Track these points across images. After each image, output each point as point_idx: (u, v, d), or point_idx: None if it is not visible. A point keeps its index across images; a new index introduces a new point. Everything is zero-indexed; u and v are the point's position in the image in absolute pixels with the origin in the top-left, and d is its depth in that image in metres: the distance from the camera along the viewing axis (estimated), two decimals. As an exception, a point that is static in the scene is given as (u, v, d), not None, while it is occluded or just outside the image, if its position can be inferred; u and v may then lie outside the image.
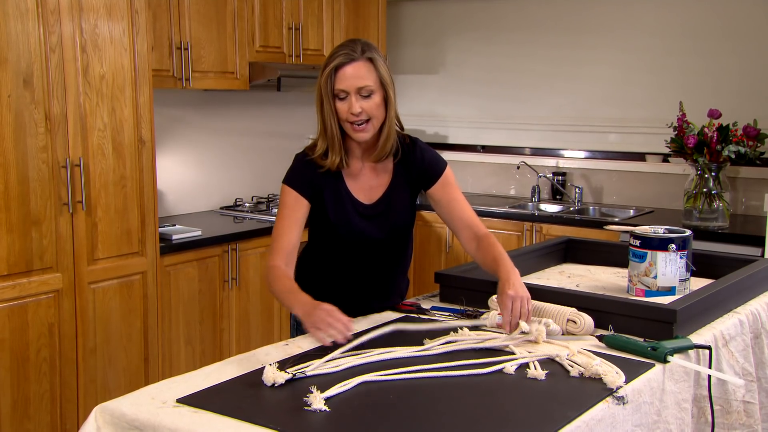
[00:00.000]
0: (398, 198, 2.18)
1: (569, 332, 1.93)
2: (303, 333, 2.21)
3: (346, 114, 2.03)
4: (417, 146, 2.21)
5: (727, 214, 3.77)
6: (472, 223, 2.18)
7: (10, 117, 2.70)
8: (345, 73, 2.02)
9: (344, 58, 2.03)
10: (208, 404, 1.51)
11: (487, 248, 2.10)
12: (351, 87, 2.02)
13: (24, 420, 2.82)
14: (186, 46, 3.59)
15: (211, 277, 3.55)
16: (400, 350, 1.80)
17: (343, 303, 2.18)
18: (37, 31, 2.75)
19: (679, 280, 2.23)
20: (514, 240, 4.22)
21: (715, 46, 4.18)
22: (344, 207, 2.13)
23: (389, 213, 2.16)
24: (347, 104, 2.03)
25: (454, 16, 5.05)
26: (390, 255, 2.22)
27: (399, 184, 2.18)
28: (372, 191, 2.16)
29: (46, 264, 2.85)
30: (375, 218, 2.15)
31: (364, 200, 2.15)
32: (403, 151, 2.18)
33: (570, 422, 1.45)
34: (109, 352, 3.09)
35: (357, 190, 2.15)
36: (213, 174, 4.25)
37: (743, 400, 2.01)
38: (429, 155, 2.21)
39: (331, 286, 2.20)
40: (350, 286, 2.21)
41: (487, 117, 5.02)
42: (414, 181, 2.20)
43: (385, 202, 2.16)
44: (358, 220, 2.13)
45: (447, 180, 2.21)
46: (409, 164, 2.18)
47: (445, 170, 2.21)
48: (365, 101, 2.03)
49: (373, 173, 2.17)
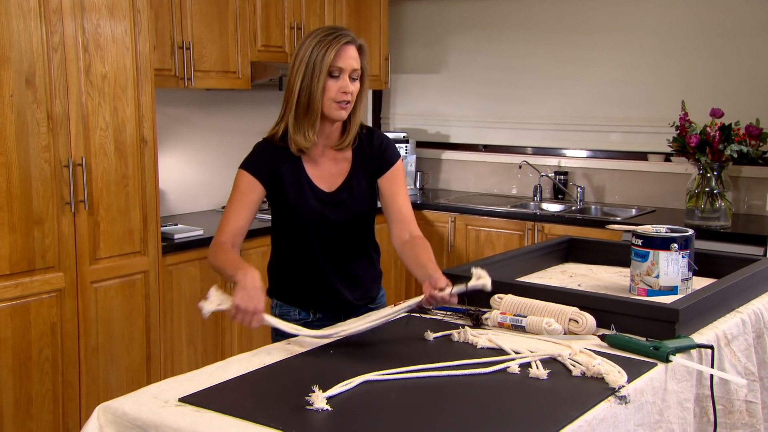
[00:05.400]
0: (358, 185, 2.19)
1: (571, 332, 1.93)
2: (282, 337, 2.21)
3: (336, 92, 2.05)
4: (375, 135, 2.24)
5: (729, 213, 3.77)
6: (409, 220, 2.18)
7: (13, 116, 2.70)
8: (346, 52, 2.05)
9: (345, 38, 2.06)
10: (210, 403, 1.51)
11: (419, 248, 2.07)
12: (348, 66, 2.06)
13: (26, 419, 2.82)
14: (188, 46, 3.59)
15: (213, 276, 3.55)
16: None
17: (316, 294, 2.20)
18: (40, 31, 2.75)
19: (681, 280, 2.22)
20: (515, 239, 4.22)
21: (717, 46, 4.18)
22: (303, 191, 2.14)
23: (350, 201, 2.17)
24: (339, 83, 2.05)
25: (456, 15, 5.05)
26: (352, 238, 2.22)
27: (358, 172, 2.19)
28: (332, 179, 2.17)
29: (48, 263, 2.85)
30: (337, 205, 2.16)
31: (324, 188, 2.16)
32: (360, 139, 2.20)
33: (572, 422, 1.45)
34: (111, 352, 3.09)
35: (317, 177, 2.16)
36: (215, 173, 4.26)
37: (745, 400, 2.01)
38: (385, 144, 2.23)
39: (299, 275, 2.21)
40: (317, 273, 2.20)
41: (489, 116, 5.02)
42: (370, 169, 2.21)
43: (346, 190, 2.17)
44: (316, 204, 2.14)
45: (396, 173, 2.22)
46: (366, 152, 2.21)
47: (396, 162, 2.22)
48: (353, 84, 2.08)
49: (332, 161, 2.18)
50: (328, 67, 2.04)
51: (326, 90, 2.06)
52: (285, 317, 2.23)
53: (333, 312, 2.23)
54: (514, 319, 1.97)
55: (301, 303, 2.24)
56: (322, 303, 2.23)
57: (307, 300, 2.23)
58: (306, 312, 2.24)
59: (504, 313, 2.01)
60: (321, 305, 2.23)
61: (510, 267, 2.49)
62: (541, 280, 2.46)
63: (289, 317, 2.23)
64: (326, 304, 2.23)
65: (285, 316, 2.23)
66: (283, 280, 2.25)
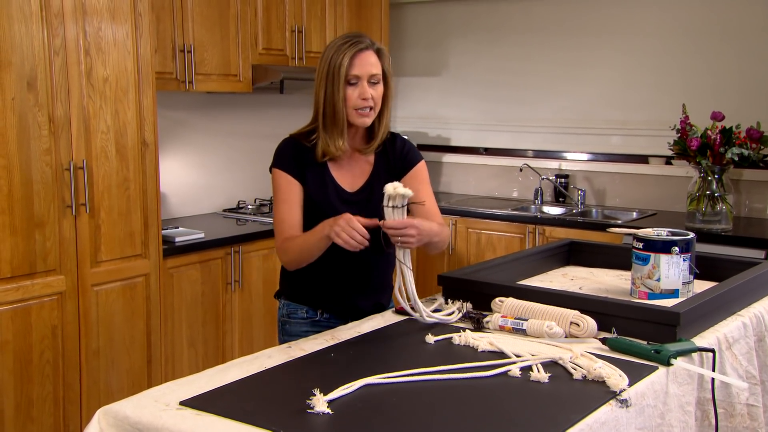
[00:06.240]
0: (379, 186, 2.19)
1: (572, 335, 1.93)
2: (288, 332, 2.23)
3: (356, 100, 2.09)
4: (397, 138, 2.28)
5: (730, 216, 3.77)
6: (433, 214, 2.22)
7: (14, 120, 2.71)
8: (361, 59, 2.08)
9: (360, 45, 2.09)
10: (211, 407, 1.51)
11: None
12: (365, 73, 2.08)
13: (27, 422, 2.82)
14: (189, 49, 3.59)
15: (213, 279, 3.55)
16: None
17: (329, 294, 2.20)
18: (41, 34, 2.76)
19: (682, 283, 2.22)
20: (516, 242, 4.22)
21: (718, 49, 4.18)
22: (327, 190, 2.16)
23: (371, 200, 2.18)
24: (358, 90, 2.08)
25: (456, 18, 5.06)
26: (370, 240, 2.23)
27: (380, 173, 2.21)
28: (355, 179, 2.20)
29: (49, 266, 2.85)
30: (357, 204, 2.17)
31: (347, 188, 2.19)
32: (384, 142, 2.23)
33: (573, 425, 1.44)
34: (112, 355, 3.09)
35: (340, 177, 2.19)
36: (216, 176, 4.26)
37: (747, 403, 2.01)
38: (408, 147, 2.27)
39: (314, 275, 2.20)
40: (333, 277, 2.21)
41: (489, 119, 5.02)
42: (393, 170, 2.23)
43: (367, 190, 2.19)
44: (339, 204, 2.15)
45: (419, 172, 2.25)
46: (389, 155, 2.24)
47: (418, 163, 2.26)
48: (373, 89, 2.10)
49: (355, 162, 2.21)
50: (345, 76, 2.07)
51: (347, 99, 2.09)
52: (292, 316, 2.26)
53: (339, 314, 2.24)
54: (515, 323, 1.97)
55: (310, 302, 2.25)
56: (330, 304, 2.24)
57: (317, 299, 2.24)
58: (314, 311, 2.25)
59: (505, 317, 2.00)
60: (328, 306, 2.24)
61: (511, 270, 2.49)
62: (542, 283, 2.46)
63: (296, 316, 2.25)
64: (333, 306, 2.24)
65: (292, 315, 2.26)
66: (293, 279, 2.25)
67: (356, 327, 2.04)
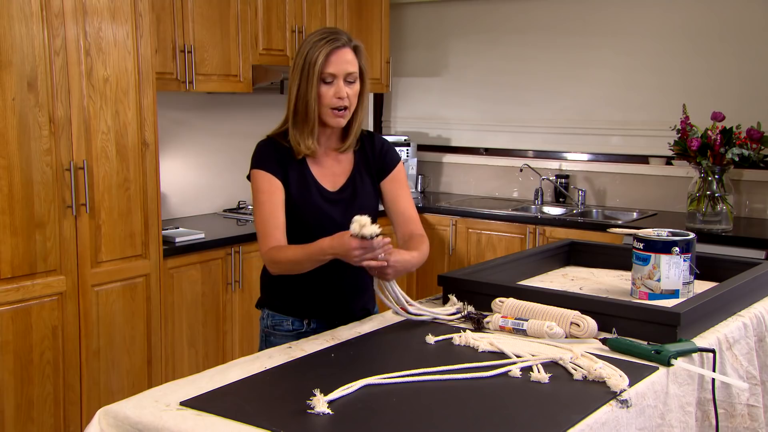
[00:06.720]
0: (362, 184, 2.19)
1: (572, 335, 1.93)
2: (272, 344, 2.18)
3: (331, 99, 2.04)
4: (375, 137, 2.25)
5: (730, 217, 3.77)
6: (412, 221, 2.21)
7: (15, 120, 2.71)
8: (338, 56, 2.03)
9: (336, 43, 2.03)
10: (212, 407, 1.51)
11: (410, 244, 2.15)
12: (341, 71, 2.04)
13: (27, 423, 2.82)
14: (189, 49, 3.59)
15: (214, 279, 3.55)
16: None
17: (314, 300, 2.17)
18: (42, 35, 2.76)
19: (682, 283, 2.22)
20: (517, 243, 4.22)
21: (718, 49, 4.18)
22: (309, 190, 2.12)
23: (354, 198, 2.16)
24: (333, 89, 2.04)
25: (457, 18, 5.06)
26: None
27: (361, 171, 2.19)
28: (336, 178, 2.17)
29: (49, 267, 2.85)
30: (339, 203, 2.15)
31: (329, 187, 2.15)
32: (362, 140, 2.21)
33: (573, 425, 1.44)
34: (112, 355, 3.09)
35: (321, 176, 2.15)
36: (216, 177, 4.26)
37: (747, 404, 2.01)
38: (386, 147, 2.24)
39: (298, 281, 2.13)
40: (318, 278, 2.12)
41: (489, 120, 5.02)
42: (372, 170, 2.21)
43: (349, 188, 2.17)
44: (321, 202, 2.13)
45: (398, 175, 2.23)
46: (368, 153, 2.21)
47: (398, 165, 2.24)
48: (349, 87, 2.06)
49: (335, 161, 2.18)
50: (320, 74, 2.02)
51: (321, 97, 2.04)
52: (277, 328, 2.20)
53: (327, 321, 2.18)
54: (515, 323, 1.97)
55: (295, 311, 2.19)
56: (319, 310, 2.18)
57: (302, 308, 2.19)
58: (300, 321, 2.19)
59: (505, 317, 2.00)
60: (317, 313, 2.19)
61: (511, 270, 2.49)
62: (542, 283, 2.46)
63: (281, 328, 2.20)
64: (323, 312, 2.19)
65: (277, 327, 2.20)
66: (278, 289, 2.20)
67: (356, 327, 2.04)
